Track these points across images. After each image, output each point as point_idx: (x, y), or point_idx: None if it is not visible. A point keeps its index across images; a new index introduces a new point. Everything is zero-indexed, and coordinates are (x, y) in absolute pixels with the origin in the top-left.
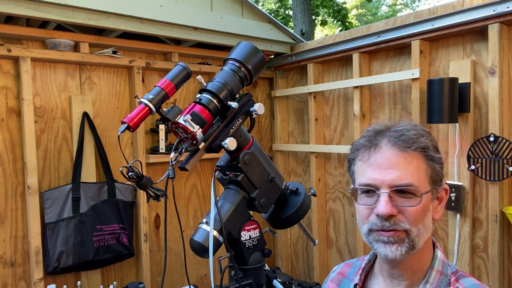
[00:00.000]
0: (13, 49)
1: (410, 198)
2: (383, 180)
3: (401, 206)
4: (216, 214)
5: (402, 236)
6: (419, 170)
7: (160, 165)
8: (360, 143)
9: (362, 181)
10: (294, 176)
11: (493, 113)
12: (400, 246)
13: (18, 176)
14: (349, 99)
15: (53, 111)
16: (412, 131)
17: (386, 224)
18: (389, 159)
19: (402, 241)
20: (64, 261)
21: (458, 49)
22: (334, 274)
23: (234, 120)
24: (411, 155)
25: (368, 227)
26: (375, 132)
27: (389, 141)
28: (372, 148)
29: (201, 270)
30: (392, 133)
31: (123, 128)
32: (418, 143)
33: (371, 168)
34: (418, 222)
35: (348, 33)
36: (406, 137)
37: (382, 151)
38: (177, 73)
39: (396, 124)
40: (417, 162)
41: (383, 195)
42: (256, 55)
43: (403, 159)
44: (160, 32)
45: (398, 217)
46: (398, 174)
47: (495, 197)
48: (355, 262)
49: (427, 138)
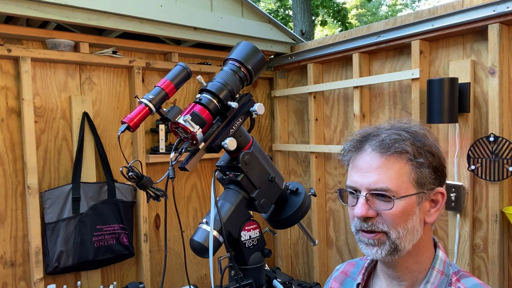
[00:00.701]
0: (13, 49)
1: (387, 202)
2: (361, 183)
3: (377, 209)
4: (216, 214)
5: (383, 238)
6: (399, 175)
7: (160, 165)
8: (347, 145)
9: (348, 183)
10: (294, 176)
11: (493, 113)
12: (381, 249)
13: (18, 176)
14: (349, 99)
15: (53, 111)
16: (394, 136)
17: (364, 225)
18: (368, 163)
19: (382, 243)
20: (64, 261)
21: (458, 49)
22: (337, 272)
23: (234, 120)
24: (391, 159)
25: (353, 227)
26: (361, 135)
27: (370, 145)
28: (358, 152)
29: (201, 270)
30: (375, 137)
31: (123, 128)
32: (395, 148)
33: (354, 171)
34: (397, 225)
35: (348, 33)
36: (388, 142)
37: (364, 154)
38: (177, 73)
39: (386, 127)
40: (398, 166)
41: (361, 197)
42: (256, 55)
43: (382, 164)
44: (160, 32)
45: (377, 219)
46: (375, 178)
47: (495, 197)
48: (359, 261)
49: (412, 141)
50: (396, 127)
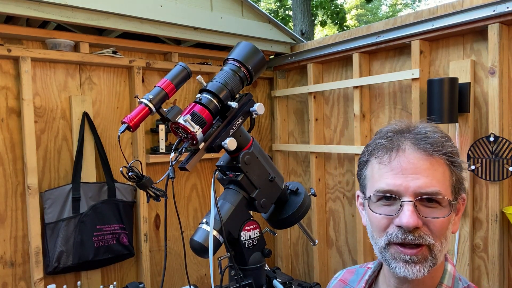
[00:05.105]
0: (13, 49)
1: (435, 208)
2: (407, 187)
3: (426, 217)
4: (216, 214)
5: (426, 253)
6: (444, 178)
7: (160, 165)
8: (380, 143)
9: (381, 186)
10: (294, 176)
11: (493, 113)
12: (423, 266)
13: (18, 176)
14: (349, 99)
15: (53, 111)
16: (438, 134)
17: (410, 237)
18: (414, 164)
19: (425, 259)
20: (64, 261)
21: (458, 49)
22: (335, 281)
23: (234, 120)
24: (437, 161)
25: (387, 240)
26: (396, 132)
27: (413, 144)
28: (394, 150)
29: (201, 270)
30: (415, 134)
31: (123, 128)
32: (447, 147)
33: (392, 173)
34: (441, 235)
35: (348, 33)
36: (433, 140)
37: (406, 154)
38: (177, 73)
39: (417, 126)
40: (442, 169)
41: (407, 204)
42: (256, 55)
43: (429, 165)
44: (160, 32)
45: (423, 229)
46: (424, 181)
47: (495, 197)
48: (358, 269)
49: (450, 144)
50: (429, 125)
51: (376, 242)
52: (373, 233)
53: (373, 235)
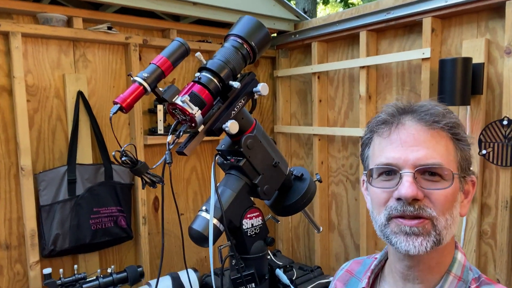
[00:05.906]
0: (2, 24)
1: (437, 182)
2: (406, 159)
3: (427, 189)
4: (217, 201)
5: (428, 226)
6: (448, 152)
7: (158, 147)
8: (380, 118)
9: (381, 160)
10: (296, 158)
11: (508, 96)
12: (426, 240)
13: (11, 157)
14: (354, 79)
15: (46, 89)
16: (440, 107)
17: (409, 208)
18: (413, 135)
19: (428, 233)
20: (60, 244)
21: (472, 27)
22: (342, 272)
23: (236, 101)
24: (439, 133)
25: (386, 214)
26: (397, 107)
27: (413, 116)
28: (394, 124)
29: (201, 252)
30: (417, 107)
31: (115, 109)
32: (449, 118)
33: (392, 146)
34: (446, 210)
35: (355, 10)
36: (434, 111)
37: (406, 126)
38: (174, 50)
39: (419, 103)
40: (445, 142)
41: (406, 175)
42: (260, 30)
43: (430, 137)
44: (158, 7)
45: (424, 201)
46: (424, 152)
47: (505, 182)
48: (365, 259)
49: (455, 120)
50: (433, 104)
51: (376, 220)
52: (373, 211)
53: (373, 213)
